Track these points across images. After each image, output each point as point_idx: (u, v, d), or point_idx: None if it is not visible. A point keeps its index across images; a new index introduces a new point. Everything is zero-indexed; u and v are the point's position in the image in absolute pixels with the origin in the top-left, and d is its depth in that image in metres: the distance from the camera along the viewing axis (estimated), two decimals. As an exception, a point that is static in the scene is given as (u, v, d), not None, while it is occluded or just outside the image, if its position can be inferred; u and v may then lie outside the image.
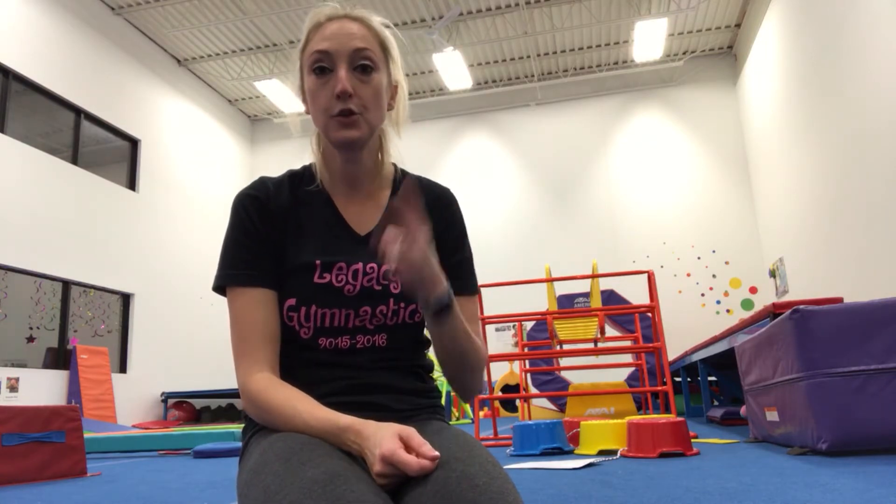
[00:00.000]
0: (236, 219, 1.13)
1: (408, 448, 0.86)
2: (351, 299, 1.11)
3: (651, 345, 4.21)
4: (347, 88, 1.06)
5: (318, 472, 0.84)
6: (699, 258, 11.89)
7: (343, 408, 1.01)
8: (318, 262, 1.11)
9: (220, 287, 1.12)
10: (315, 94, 1.09)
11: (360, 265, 1.13)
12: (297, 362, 1.12)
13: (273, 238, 1.13)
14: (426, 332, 1.22)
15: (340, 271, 1.12)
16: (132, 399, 10.08)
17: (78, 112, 9.73)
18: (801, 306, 2.43)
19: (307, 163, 1.23)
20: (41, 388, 8.39)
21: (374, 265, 1.13)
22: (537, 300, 11.76)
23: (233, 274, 1.10)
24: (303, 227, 1.15)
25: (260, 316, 1.08)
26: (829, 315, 2.37)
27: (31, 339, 8.62)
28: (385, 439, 0.86)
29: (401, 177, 1.23)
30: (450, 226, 1.21)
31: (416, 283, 0.95)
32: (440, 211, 1.21)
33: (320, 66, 1.08)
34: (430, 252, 0.95)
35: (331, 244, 1.14)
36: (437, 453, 0.86)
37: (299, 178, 1.19)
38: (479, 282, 1.31)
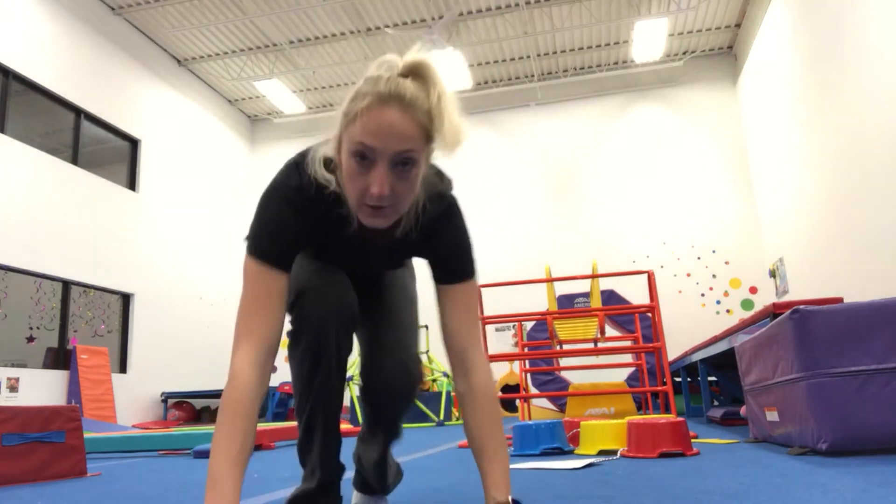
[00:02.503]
0: (279, 204, 1.25)
1: None
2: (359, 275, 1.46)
3: (651, 345, 4.21)
4: (385, 192, 1.11)
5: (317, 265, 1.37)
6: (699, 258, 11.89)
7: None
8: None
9: (252, 253, 1.25)
10: (353, 176, 1.14)
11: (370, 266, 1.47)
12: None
13: (302, 237, 1.28)
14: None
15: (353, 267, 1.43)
16: (132, 399, 10.08)
17: (78, 112, 9.73)
18: (801, 306, 2.43)
19: None
20: (41, 388, 8.40)
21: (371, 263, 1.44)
22: (537, 300, 11.75)
23: (264, 247, 1.23)
24: (328, 237, 1.33)
25: (272, 294, 1.22)
26: (829, 315, 2.37)
27: (31, 339, 8.62)
28: None
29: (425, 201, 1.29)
30: (452, 239, 1.35)
31: None
32: (440, 232, 1.33)
33: (362, 154, 1.11)
34: None
35: (353, 248, 1.35)
36: None
37: (333, 197, 1.26)
38: (479, 282, 1.34)
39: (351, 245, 1.33)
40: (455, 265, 1.33)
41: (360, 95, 1.11)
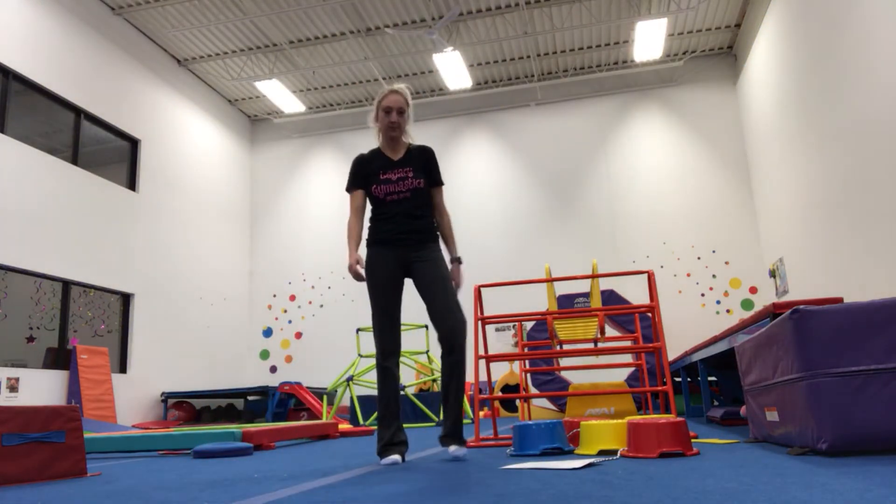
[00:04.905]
0: (354, 165, 3.34)
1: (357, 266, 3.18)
2: (395, 181, 3.23)
3: (651, 345, 4.21)
4: (396, 122, 3.27)
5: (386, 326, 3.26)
6: (699, 258, 11.89)
7: (394, 235, 3.20)
8: (381, 172, 3.26)
9: (348, 189, 3.36)
10: (383, 119, 3.28)
11: (397, 170, 3.25)
12: (379, 210, 3.24)
13: (366, 170, 3.29)
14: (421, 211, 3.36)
15: (389, 173, 3.25)
16: (132, 399, 10.08)
17: (78, 112, 9.73)
18: (801, 306, 2.43)
19: (305, 162, 2.11)
20: (41, 388, 8.40)
21: (400, 169, 3.25)
22: (537, 300, 11.77)
23: (350, 183, 3.34)
24: (375, 163, 3.29)
25: (359, 201, 3.31)
26: (829, 315, 2.37)
27: (31, 339, 8.62)
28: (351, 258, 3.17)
29: (411, 145, 3.36)
30: (431, 163, 3.33)
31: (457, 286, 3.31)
32: (426, 158, 3.33)
33: (387, 110, 3.26)
34: (457, 278, 3.34)
35: (385, 165, 3.28)
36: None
37: (375, 150, 3.35)
38: (479, 282, 1.37)
39: (387, 165, 3.24)
40: (435, 176, 3.33)
41: (380, 95, 3.28)
